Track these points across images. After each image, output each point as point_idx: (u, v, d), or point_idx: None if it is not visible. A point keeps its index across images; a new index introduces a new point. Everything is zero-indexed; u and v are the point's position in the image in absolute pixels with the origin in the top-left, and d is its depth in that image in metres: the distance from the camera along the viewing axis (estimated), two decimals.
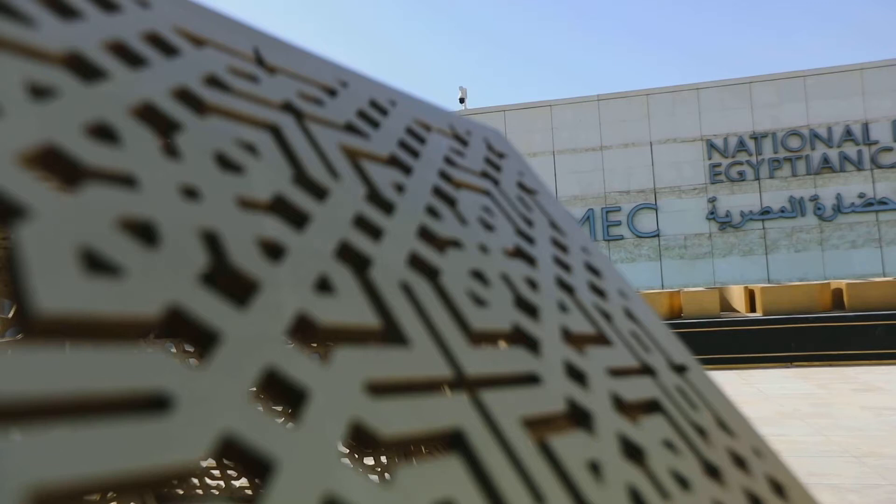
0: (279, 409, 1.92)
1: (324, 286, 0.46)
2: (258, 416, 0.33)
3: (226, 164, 0.49)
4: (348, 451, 2.31)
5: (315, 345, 1.93)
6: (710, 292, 11.24)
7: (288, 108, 0.63)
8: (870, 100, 16.94)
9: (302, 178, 0.55)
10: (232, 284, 0.41)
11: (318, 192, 0.55)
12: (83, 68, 0.45)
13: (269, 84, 0.63)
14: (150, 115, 0.46)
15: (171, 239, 0.38)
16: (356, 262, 0.52)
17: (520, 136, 18.85)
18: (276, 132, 0.58)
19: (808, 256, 17.08)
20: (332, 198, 0.56)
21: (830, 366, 9.49)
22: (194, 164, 0.45)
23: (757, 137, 17.50)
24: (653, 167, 18.09)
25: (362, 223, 0.56)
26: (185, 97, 0.51)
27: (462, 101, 20.30)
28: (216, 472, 2.23)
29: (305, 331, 0.43)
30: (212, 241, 0.41)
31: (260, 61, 0.66)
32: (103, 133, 0.41)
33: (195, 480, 2.13)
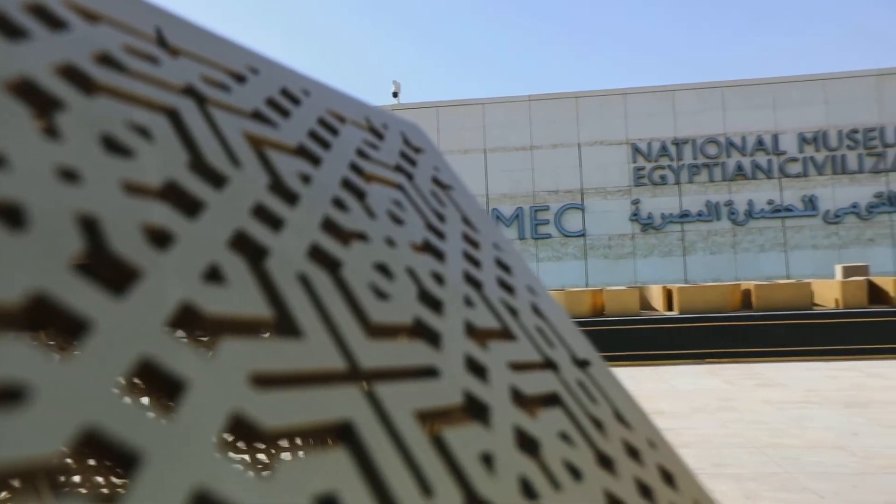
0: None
1: (214, 276, 0.45)
2: (126, 409, 0.32)
3: (113, 146, 0.47)
4: (263, 447, 2.26)
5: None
6: (631, 291, 11.65)
7: (189, 92, 0.61)
8: (780, 112, 17.99)
9: (199, 165, 0.54)
10: (113, 273, 0.40)
11: (216, 180, 0.54)
12: None
13: (171, 66, 0.61)
14: (27, 92, 0.43)
15: (43, 223, 0.36)
16: (252, 252, 0.51)
17: (452, 134, 18.95)
18: (173, 116, 0.56)
19: (721, 258, 17.99)
20: (231, 186, 0.54)
21: (738, 362, 10.02)
22: (76, 146, 0.43)
23: (678, 143, 18.27)
24: (580, 168, 18.58)
25: (262, 213, 0.55)
26: (72, 74, 0.48)
27: (395, 95, 20.20)
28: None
29: (191, 321, 0.41)
30: (90, 227, 0.39)
31: (162, 42, 0.63)
32: None
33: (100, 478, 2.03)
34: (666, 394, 7.56)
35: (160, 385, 0.37)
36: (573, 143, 18.62)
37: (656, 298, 12.23)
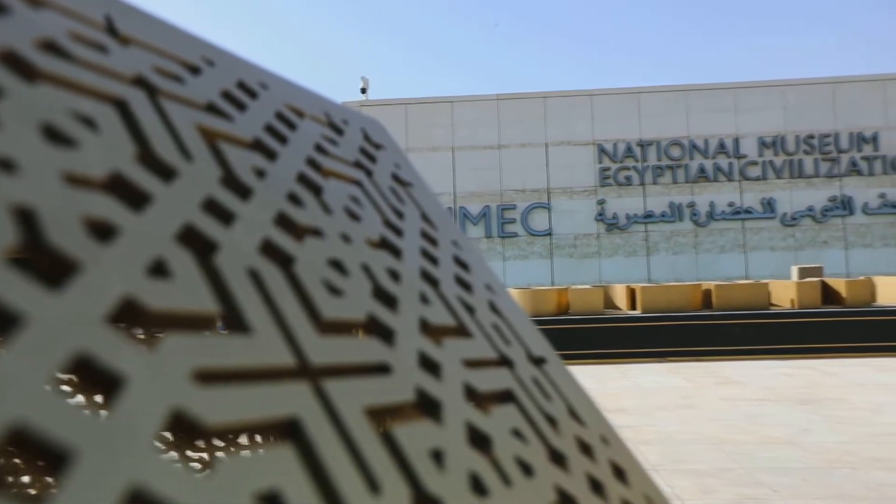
0: None
1: (159, 270, 0.44)
2: (58, 405, 0.31)
3: (55, 136, 0.45)
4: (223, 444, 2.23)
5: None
6: (596, 290, 11.81)
7: (140, 82, 0.59)
8: (741, 116, 18.42)
9: (147, 157, 0.52)
10: (51, 266, 0.39)
11: (165, 173, 0.53)
12: None
13: (120, 55, 0.59)
14: None
15: None
16: (201, 246, 0.50)
17: (421, 131, 18.93)
18: (122, 107, 0.54)
19: (683, 259, 18.35)
20: (181, 179, 0.53)
21: (698, 361, 10.24)
22: (14, 135, 0.42)
23: (643, 145, 18.57)
24: (547, 168, 18.75)
25: (212, 207, 0.54)
26: (12, 61, 0.47)
27: (364, 91, 20.08)
28: None
29: (133, 316, 0.41)
30: (27, 219, 0.38)
31: (112, 30, 0.62)
32: None
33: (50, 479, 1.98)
34: (629, 392, 7.68)
35: (98, 381, 0.36)
36: (540, 142, 18.78)
37: (620, 298, 12.42)
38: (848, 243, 18.00)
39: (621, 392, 7.67)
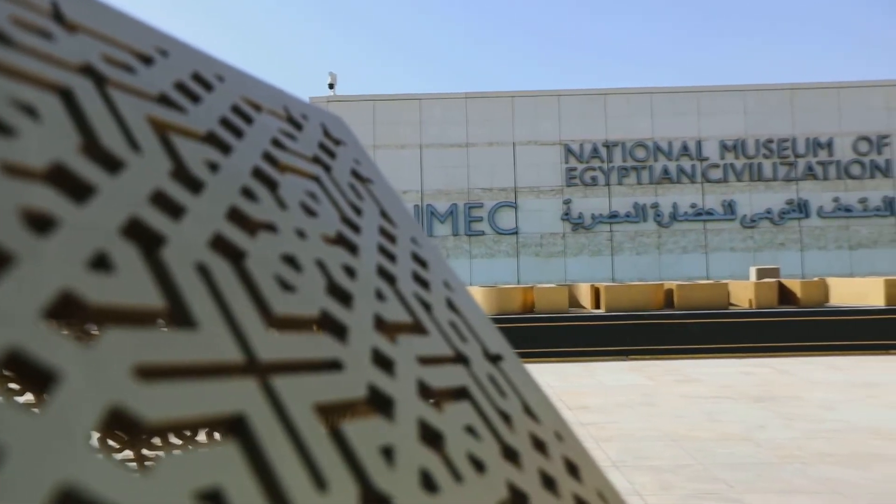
0: None
1: (101, 263, 0.43)
2: None
3: None
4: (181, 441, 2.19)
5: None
6: (561, 289, 11.93)
7: (87, 71, 0.58)
8: (703, 120, 18.80)
9: (93, 148, 0.51)
10: None
11: (111, 164, 0.51)
12: None
13: (67, 43, 0.58)
14: None
15: None
16: (147, 240, 0.49)
17: (389, 128, 18.85)
18: (67, 96, 0.53)
19: (647, 259, 18.67)
20: (128, 171, 0.52)
21: (660, 359, 10.44)
22: None
23: (609, 146, 18.82)
24: (514, 167, 18.86)
25: (161, 200, 0.53)
26: None
27: (332, 87, 19.91)
28: None
29: (72, 310, 0.39)
30: None
31: (58, 16, 0.60)
32: None
33: None
34: (592, 389, 7.78)
35: (32, 378, 0.35)
36: (508, 141, 18.89)
37: (584, 296, 12.57)
38: (803, 245, 18.54)
39: (585, 390, 7.77)
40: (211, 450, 0.38)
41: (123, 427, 0.37)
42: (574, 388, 7.89)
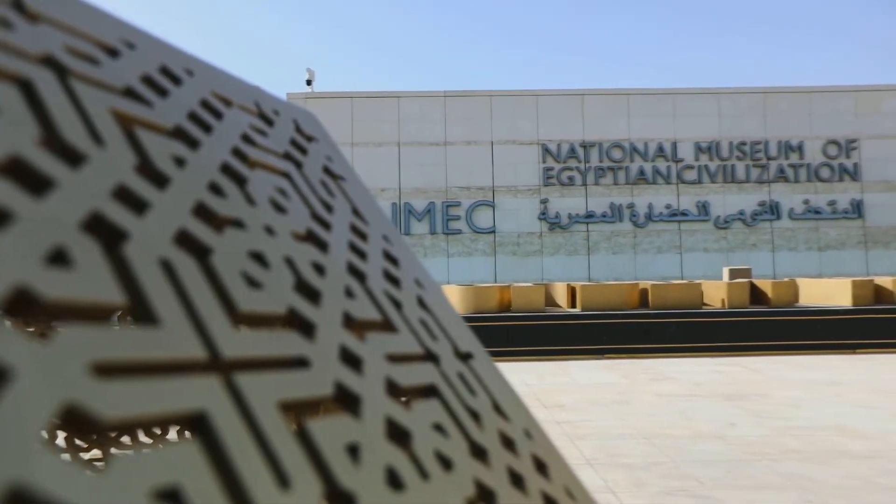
0: None
1: (59, 258, 0.42)
2: None
3: None
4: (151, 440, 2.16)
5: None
6: (537, 288, 11.99)
7: (49, 62, 0.57)
8: (679, 122, 19.03)
9: (53, 141, 0.50)
10: None
11: (73, 158, 0.50)
12: None
13: (27, 33, 0.56)
14: None
15: None
16: (109, 235, 0.48)
17: (367, 125, 18.77)
18: (26, 87, 0.52)
19: (622, 259, 18.84)
20: (90, 165, 0.51)
21: (634, 358, 10.55)
22: None
23: (586, 146, 18.96)
24: (492, 166, 18.91)
25: (124, 195, 0.52)
26: None
27: (309, 83, 19.76)
28: None
29: (27, 306, 0.39)
30: None
31: (19, 6, 0.59)
32: None
33: None
34: (567, 388, 7.84)
35: None
36: (486, 140, 18.93)
37: (561, 295, 12.65)
38: (775, 246, 18.87)
39: (560, 388, 7.82)
40: (169, 448, 0.38)
41: (79, 425, 0.36)
42: (550, 387, 7.94)
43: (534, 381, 8.31)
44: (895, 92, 19.28)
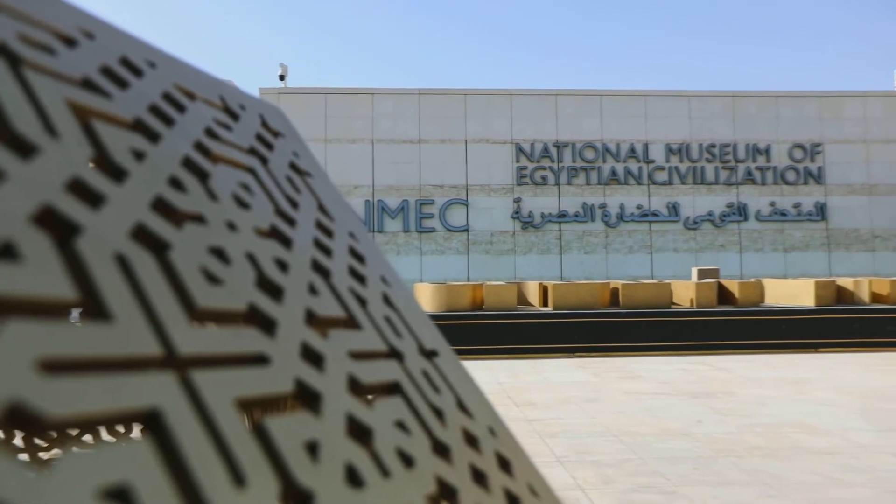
0: None
1: (7, 253, 0.41)
2: None
3: None
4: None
5: None
6: (510, 287, 12.04)
7: (1, 51, 0.55)
8: (650, 123, 19.28)
9: (4, 132, 0.49)
10: None
11: (23, 150, 0.49)
12: None
13: None
14: None
15: None
16: (62, 229, 0.47)
17: (340, 122, 18.66)
18: None
19: (594, 258, 19.03)
20: (43, 157, 0.50)
21: (605, 356, 10.66)
22: None
23: (559, 146, 19.09)
24: (466, 165, 18.93)
25: (78, 188, 0.51)
26: None
27: (282, 78, 19.56)
28: None
29: None
30: None
31: None
32: None
33: None
34: (539, 386, 7.90)
35: None
36: (460, 139, 18.95)
37: (533, 294, 12.73)
38: (742, 247, 19.24)
39: (532, 386, 7.88)
40: (119, 446, 0.37)
41: (24, 424, 0.36)
42: (521, 385, 7.99)
43: (505, 380, 8.35)
44: (858, 98, 19.80)
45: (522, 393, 7.41)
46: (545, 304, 12.33)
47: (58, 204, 0.48)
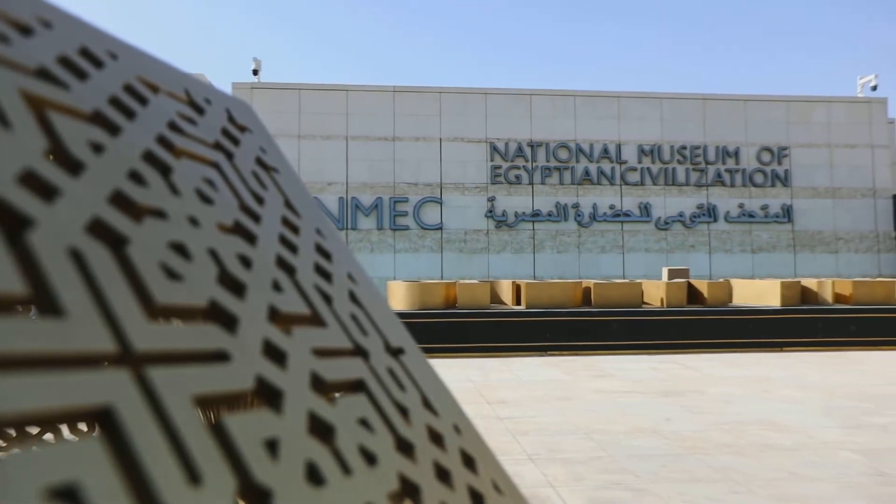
0: None
1: None
2: None
3: None
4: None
5: None
6: (483, 285, 12.07)
7: None
8: (623, 124, 19.49)
9: None
10: None
11: None
12: None
13: None
14: None
15: None
16: (13, 223, 0.46)
17: (314, 118, 18.52)
18: None
19: (567, 257, 19.19)
20: None
21: (577, 355, 10.76)
22: None
23: (533, 145, 19.20)
24: (441, 163, 18.94)
25: (32, 181, 0.50)
26: None
27: (256, 73, 19.33)
28: None
29: None
30: None
31: None
32: None
33: None
34: (511, 384, 7.93)
35: None
36: (435, 137, 18.94)
37: (506, 293, 12.79)
38: (711, 248, 19.57)
39: (504, 384, 7.91)
40: (69, 444, 0.36)
41: None
42: (494, 383, 8.02)
43: (478, 378, 8.37)
44: (823, 104, 20.28)
45: (494, 391, 7.44)
46: (518, 302, 12.39)
47: (8, 196, 0.46)
